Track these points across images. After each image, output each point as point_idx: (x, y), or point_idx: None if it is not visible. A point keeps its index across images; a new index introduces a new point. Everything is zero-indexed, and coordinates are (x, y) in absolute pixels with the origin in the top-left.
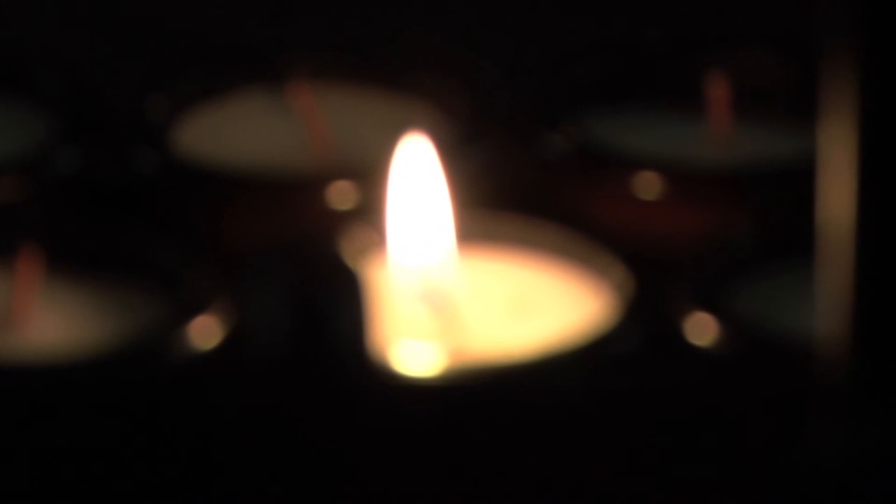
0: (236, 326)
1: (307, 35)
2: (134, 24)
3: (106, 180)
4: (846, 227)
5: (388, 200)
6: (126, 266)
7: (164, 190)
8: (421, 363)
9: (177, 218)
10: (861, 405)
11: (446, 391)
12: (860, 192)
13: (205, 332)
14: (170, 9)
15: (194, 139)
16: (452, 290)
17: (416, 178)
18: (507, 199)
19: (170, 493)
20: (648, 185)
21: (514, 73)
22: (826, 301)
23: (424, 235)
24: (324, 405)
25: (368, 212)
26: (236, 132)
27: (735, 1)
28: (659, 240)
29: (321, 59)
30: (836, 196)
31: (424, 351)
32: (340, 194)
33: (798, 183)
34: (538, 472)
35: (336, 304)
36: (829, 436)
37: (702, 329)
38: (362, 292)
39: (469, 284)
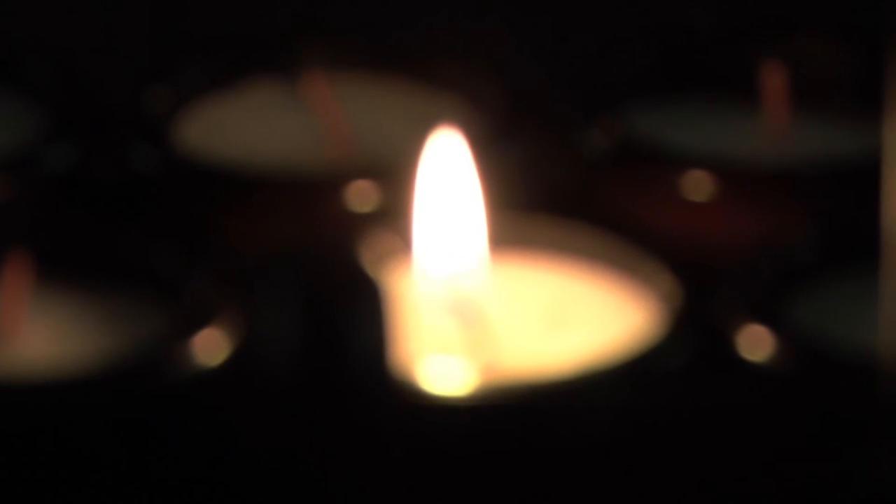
0: (245, 340)
1: (323, 19)
2: (133, 9)
3: (102, 179)
4: None
5: (413, 202)
6: (124, 273)
7: (166, 190)
8: (449, 381)
9: (180, 221)
10: None
11: (477, 411)
12: None
13: (210, 346)
14: None
15: (199, 134)
16: (483, 300)
17: (444, 178)
18: (544, 200)
19: None
20: (698, 184)
21: (552, 62)
22: (890, 311)
23: (453, 240)
24: (341, 427)
25: (391, 214)
26: (245, 127)
27: None
28: (709, 245)
29: (338, 46)
30: None
31: (452, 367)
32: (360, 195)
33: (861, 182)
34: (576, 500)
35: (355, 316)
36: (892, 457)
37: (755, 343)
38: (384, 303)
39: (501, 294)
